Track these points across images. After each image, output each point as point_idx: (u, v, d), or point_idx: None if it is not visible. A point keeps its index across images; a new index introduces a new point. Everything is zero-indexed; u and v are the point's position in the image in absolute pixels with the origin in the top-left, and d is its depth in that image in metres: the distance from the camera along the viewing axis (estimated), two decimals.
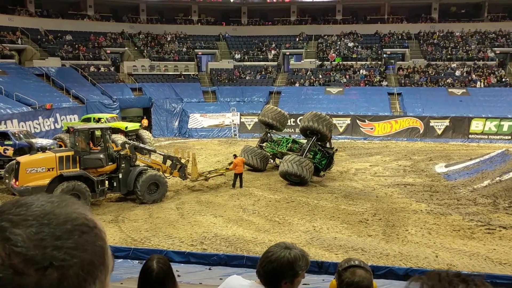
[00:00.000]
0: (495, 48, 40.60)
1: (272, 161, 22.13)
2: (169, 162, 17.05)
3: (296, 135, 23.21)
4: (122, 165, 15.86)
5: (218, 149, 27.69)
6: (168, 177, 16.84)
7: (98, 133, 16.37)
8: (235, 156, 19.12)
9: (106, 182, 15.81)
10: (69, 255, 0.73)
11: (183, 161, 17.43)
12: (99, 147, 15.87)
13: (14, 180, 14.92)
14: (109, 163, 15.71)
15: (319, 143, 19.89)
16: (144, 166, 16.42)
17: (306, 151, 19.20)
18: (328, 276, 6.57)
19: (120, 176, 15.81)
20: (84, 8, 43.69)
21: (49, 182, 14.43)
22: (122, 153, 16.03)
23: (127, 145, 16.53)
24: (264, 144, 22.15)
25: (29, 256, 0.71)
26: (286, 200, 16.20)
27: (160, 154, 17.43)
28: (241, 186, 17.97)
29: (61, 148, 18.90)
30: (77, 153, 15.09)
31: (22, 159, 15.09)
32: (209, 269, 7.30)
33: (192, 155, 17.87)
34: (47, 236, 0.73)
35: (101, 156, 15.51)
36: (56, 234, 0.73)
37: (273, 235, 12.42)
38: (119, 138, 21.26)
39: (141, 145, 18.55)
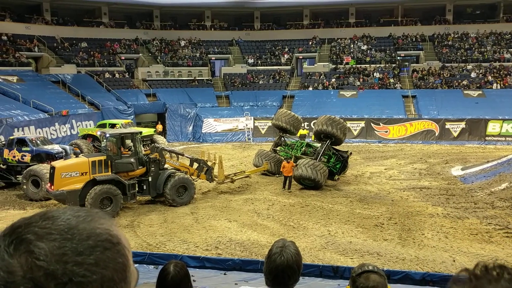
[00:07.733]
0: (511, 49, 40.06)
1: None
2: (196, 165, 17.33)
3: (296, 139, 23.01)
4: (152, 168, 16.19)
5: (232, 154, 27.74)
6: (195, 180, 17.10)
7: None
8: (286, 160, 18.91)
9: (137, 185, 16.11)
10: (90, 272, 0.73)
11: (209, 163, 17.69)
12: (129, 151, 16.26)
13: (49, 185, 15.27)
14: (139, 167, 16.04)
15: (333, 146, 19.84)
16: (172, 169, 16.73)
17: (320, 154, 19.14)
18: (344, 281, 6.53)
19: (150, 179, 16.14)
20: (99, 16, 44.22)
21: (83, 186, 14.76)
22: (151, 156, 16.33)
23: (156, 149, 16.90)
24: (278, 148, 22.13)
25: (50, 271, 0.72)
26: (301, 204, 16.16)
27: (187, 157, 17.76)
28: (288, 188, 18.12)
29: (93, 153, 19.67)
30: (109, 158, 15.44)
31: (57, 164, 15.48)
32: (224, 274, 7.30)
33: (218, 157, 18.07)
34: (69, 251, 0.73)
35: (132, 160, 15.83)
36: (78, 249, 0.74)
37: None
38: None
39: (169, 148, 18.90)
